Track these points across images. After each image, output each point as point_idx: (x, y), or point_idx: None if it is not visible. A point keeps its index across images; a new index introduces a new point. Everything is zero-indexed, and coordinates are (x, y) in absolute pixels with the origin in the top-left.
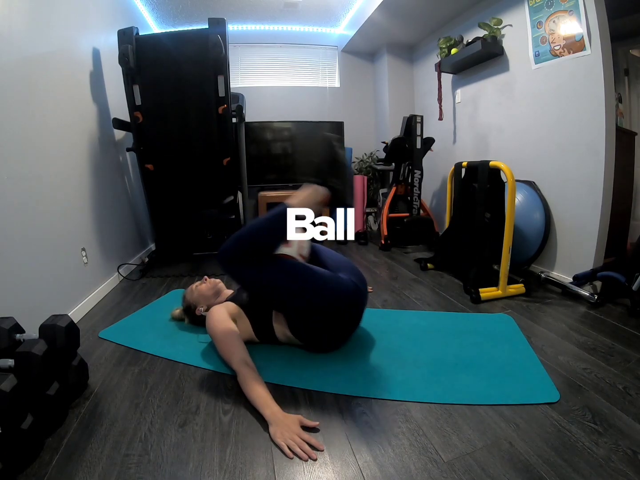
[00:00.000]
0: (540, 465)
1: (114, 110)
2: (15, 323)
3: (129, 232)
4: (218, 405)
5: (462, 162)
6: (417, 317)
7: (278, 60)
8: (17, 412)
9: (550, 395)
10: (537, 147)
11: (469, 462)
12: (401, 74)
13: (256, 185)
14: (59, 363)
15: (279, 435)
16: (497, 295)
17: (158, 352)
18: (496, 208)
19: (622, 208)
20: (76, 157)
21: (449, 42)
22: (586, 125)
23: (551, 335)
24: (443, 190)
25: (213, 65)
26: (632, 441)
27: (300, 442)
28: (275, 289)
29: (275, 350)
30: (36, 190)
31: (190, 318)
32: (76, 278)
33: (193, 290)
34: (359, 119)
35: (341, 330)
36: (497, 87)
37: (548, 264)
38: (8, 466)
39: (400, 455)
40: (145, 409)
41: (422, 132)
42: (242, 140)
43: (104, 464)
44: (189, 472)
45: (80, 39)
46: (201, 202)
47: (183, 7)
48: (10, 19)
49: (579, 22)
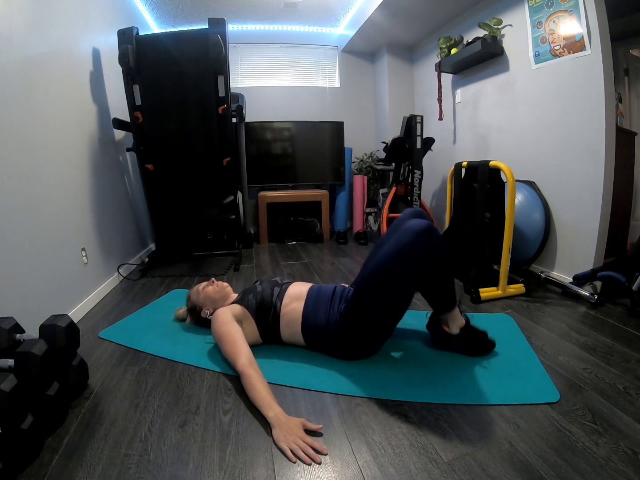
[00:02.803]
0: (540, 465)
1: (114, 110)
2: (15, 323)
3: (129, 232)
4: (218, 405)
5: (462, 162)
6: (417, 317)
7: (278, 60)
8: (17, 412)
9: (550, 395)
10: (537, 147)
11: (469, 462)
12: (401, 74)
13: (256, 185)
14: (59, 363)
15: (282, 438)
16: (497, 295)
17: (158, 352)
18: (496, 208)
19: (622, 208)
20: (76, 157)
21: (449, 42)
22: (586, 125)
23: (551, 335)
24: (443, 190)
25: (213, 65)
26: (632, 441)
27: (303, 446)
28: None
29: (276, 351)
30: (36, 190)
31: (195, 319)
32: (76, 278)
33: (199, 292)
34: (359, 119)
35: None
36: (497, 87)
37: (548, 264)
38: (8, 466)
39: (400, 455)
40: (145, 409)
41: (422, 132)
42: (242, 140)
43: (104, 464)
44: (189, 472)
45: (80, 39)
46: (201, 202)
47: (183, 7)
48: (10, 19)
49: (579, 22)
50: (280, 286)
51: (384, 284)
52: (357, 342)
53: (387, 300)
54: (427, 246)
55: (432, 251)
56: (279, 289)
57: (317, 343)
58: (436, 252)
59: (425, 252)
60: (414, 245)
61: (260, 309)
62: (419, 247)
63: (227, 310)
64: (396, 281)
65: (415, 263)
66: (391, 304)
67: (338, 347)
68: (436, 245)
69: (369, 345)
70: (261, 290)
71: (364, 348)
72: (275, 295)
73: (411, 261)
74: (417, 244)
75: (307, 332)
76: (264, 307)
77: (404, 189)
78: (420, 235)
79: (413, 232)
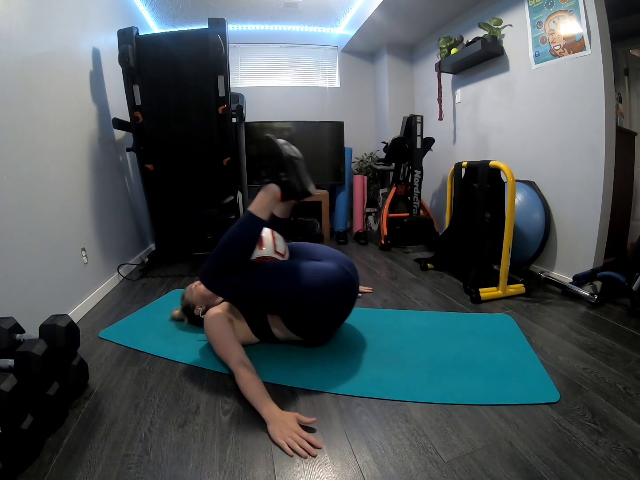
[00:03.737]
0: (540, 465)
1: (114, 110)
2: (15, 323)
3: (129, 232)
4: (218, 405)
5: (462, 162)
6: (417, 317)
7: (278, 60)
8: (17, 412)
9: (550, 395)
10: (537, 147)
11: (469, 462)
12: (401, 74)
13: (256, 185)
14: (59, 363)
15: (278, 433)
16: (497, 295)
17: (158, 352)
18: (496, 208)
19: (622, 208)
20: (76, 157)
21: (449, 42)
22: (586, 125)
23: (551, 335)
24: (443, 190)
25: (213, 65)
26: (632, 441)
27: (299, 440)
28: (260, 293)
29: (275, 351)
30: (36, 190)
31: (189, 318)
32: (76, 278)
33: (192, 290)
34: (359, 119)
35: (335, 318)
36: (497, 87)
37: (548, 264)
38: (8, 466)
39: (400, 455)
40: (145, 409)
41: (422, 132)
42: (242, 140)
43: (104, 464)
44: (189, 472)
45: (80, 39)
46: (201, 202)
47: (183, 7)
48: (11, 19)
49: (579, 22)
50: None
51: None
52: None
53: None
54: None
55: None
56: None
57: (306, 333)
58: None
59: None
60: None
61: (248, 308)
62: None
63: (220, 310)
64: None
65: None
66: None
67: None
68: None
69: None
70: None
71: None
72: None
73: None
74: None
75: (291, 326)
76: (251, 306)
77: (404, 189)
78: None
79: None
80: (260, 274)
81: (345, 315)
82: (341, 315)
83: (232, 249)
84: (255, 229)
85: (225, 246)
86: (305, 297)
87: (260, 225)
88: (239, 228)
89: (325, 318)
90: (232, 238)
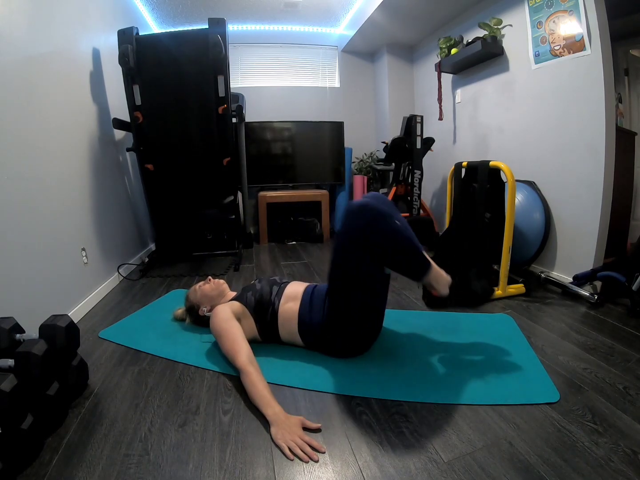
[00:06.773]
0: (540, 465)
1: (114, 110)
2: (15, 323)
3: (129, 232)
4: (218, 405)
5: (462, 162)
6: (417, 317)
7: (278, 60)
8: (17, 412)
9: (550, 395)
10: (537, 147)
11: (469, 462)
12: (401, 74)
13: (256, 185)
14: (59, 363)
15: (280, 436)
16: (497, 295)
17: (158, 352)
18: (496, 208)
19: (622, 208)
20: (76, 157)
21: (449, 42)
22: (586, 125)
23: (551, 335)
24: (443, 190)
25: (213, 65)
26: (632, 441)
27: (301, 444)
28: (360, 288)
29: (276, 351)
30: (36, 190)
31: (193, 318)
32: (76, 278)
33: (197, 290)
34: (359, 119)
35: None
36: (497, 87)
37: (548, 264)
38: (8, 466)
39: (400, 455)
40: (145, 409)
41: (422, 132)
42: (242, 140)
43: (104, 464)
44: (189, 472)
45: (80, 39)
46: (201, 202)
47: (183, 7)
48: (11, 19)
49: (579, 22)
50: (279, 285)
51: (342, 272)
52: (345, 337)
53: (354, 288)
54: (358, 223)
55: (366, 227)
56: (277, 288)
57: (313, 342)
58: (372, 227)
59: (359, 230)
60: (348, 227)
61: (258, 306)
62: (353, 227)
63: (227, 307)
64: (349, 267)
65: (354, 243)
66: (360, 290)
67: (331, 345)
68: (370, 220)
69: (358, 339)
70: (260, 288)
71: (353, 342)
72: (274, 294)
73: (351, 243)
74: (351, 225)
75: (303, 332)
76: (262, 305)
77: (404, 189)
78: (351, 214)
79: (346, 214)
80: (374, 271)
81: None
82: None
83: (395, 245)
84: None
85: (399, 240)
86: (366, 317)
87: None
88: (413, 248)
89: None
90: (404, 245)
